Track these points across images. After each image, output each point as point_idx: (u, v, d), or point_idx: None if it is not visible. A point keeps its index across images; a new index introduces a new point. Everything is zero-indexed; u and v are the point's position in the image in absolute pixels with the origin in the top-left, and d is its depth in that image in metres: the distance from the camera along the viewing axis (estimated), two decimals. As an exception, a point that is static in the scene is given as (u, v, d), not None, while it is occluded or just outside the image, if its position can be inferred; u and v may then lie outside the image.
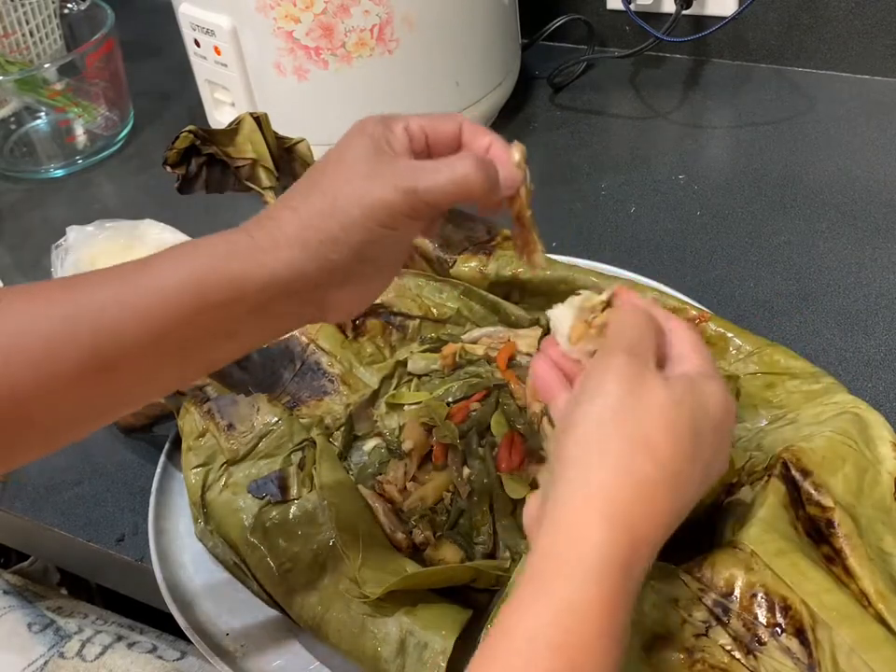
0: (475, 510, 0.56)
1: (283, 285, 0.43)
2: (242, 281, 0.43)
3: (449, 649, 0.49)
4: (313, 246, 0.43)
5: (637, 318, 0.44)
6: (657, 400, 0.40)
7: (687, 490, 0.40)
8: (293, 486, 0.58)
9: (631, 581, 0.37)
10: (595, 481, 0.38)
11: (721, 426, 0.41)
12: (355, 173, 0.44)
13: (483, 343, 0.66)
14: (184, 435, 0.62)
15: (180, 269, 0.43)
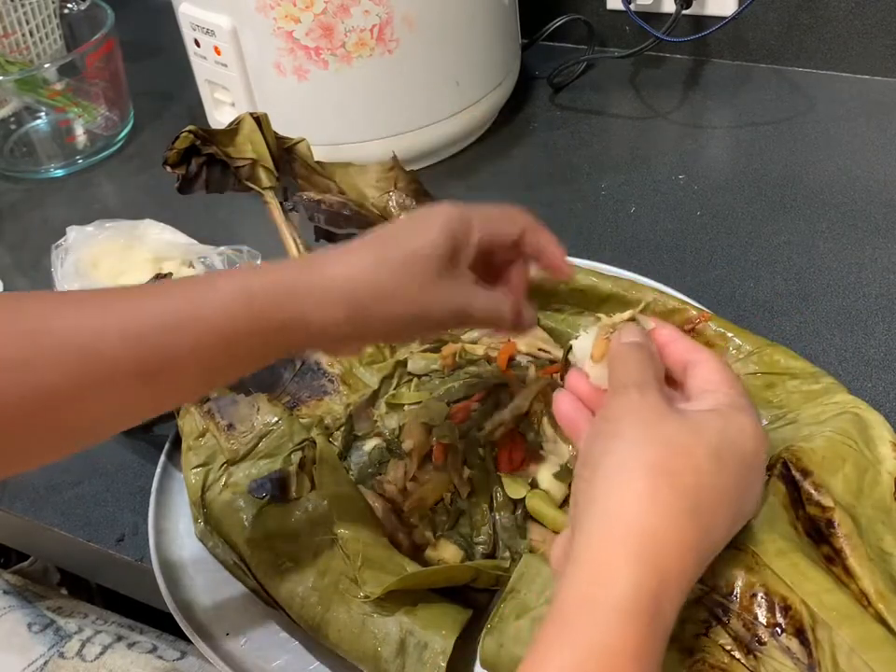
0: (475, 510, 0.56)
1: (325, 338, 0.47)
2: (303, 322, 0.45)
3: (449, 649, 0.49)
4: (358, 322, 0.46)
5: (632, 352, 0.44)
6: (674, 432, 0.40)
7: (713, 525, 0.39)
8: (293, 486, 0.58)
9: (661, 622, 0.36)
10: (618, 515, 0.38)
11: (750, 459, 0.41)
12: (426, 273, 0.47)
13: (483, 342, 0.66)
14: (184, 435, 0.62)
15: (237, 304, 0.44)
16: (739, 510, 0.41)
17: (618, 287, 0.65)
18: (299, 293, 0.45)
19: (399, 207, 0.73)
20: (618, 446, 0.40)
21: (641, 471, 0.38)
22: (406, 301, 0.47)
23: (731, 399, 0.42)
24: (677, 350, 0.46)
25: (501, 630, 0.48)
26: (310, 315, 0.45)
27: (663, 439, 0.39)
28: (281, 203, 0.70)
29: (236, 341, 0.44)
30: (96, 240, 0.81)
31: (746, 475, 0.41)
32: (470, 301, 0.49)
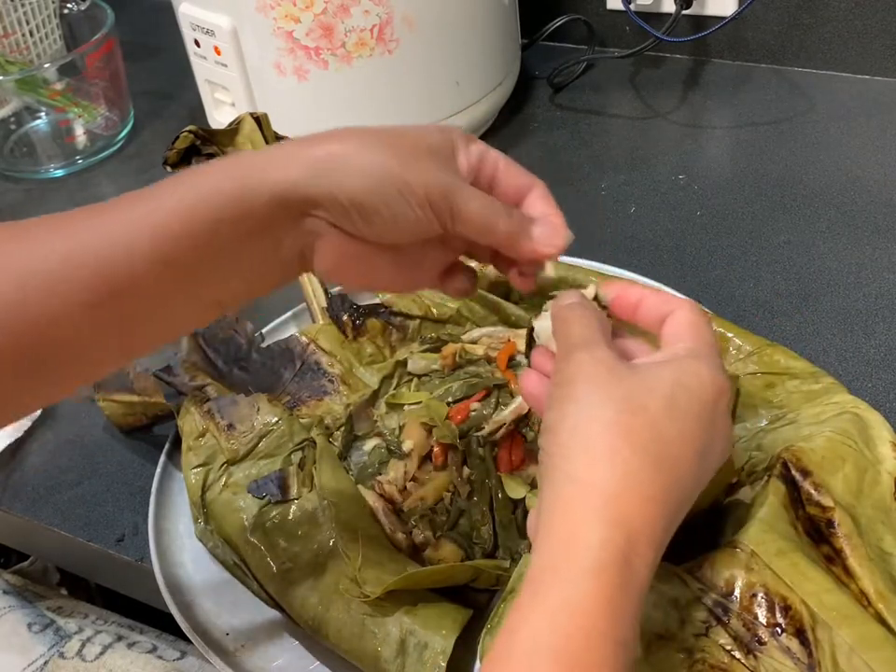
0: (475, 510, 0.56)
1: (285, 202, 0.43)
2: (251, 195, 0.42)
3: (449, 648, 0.49)
4: (322, 173, 0.43)
5: (571, 311, 0.43)
6: (625, 387, 0.39)
7: (678, 473, 0.39)
8: (293, 486, 0.58)
9: (631, 577, 0.36)
10: (578, 478, 0.38)
11: (710, 405, 0.40)
12: (412, 148, 0.44)
13: (483, 342, 0.66)
14: (184, 435, 0.62)
15: (195, 186, 0.42)
16: (705, 456, 0.40)
17: (618, 287, 0.65)
18: (265, 160, 0.43)
19: (399, 207, 0.73)
20: (572, 410, 0.39)
21: (597, 432, 0.38)
22: (385, 161, 0.43)
23: (689, 348, 0.42)
24: (651, 304, 0.45)
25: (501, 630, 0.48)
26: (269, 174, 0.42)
27: (615, 396, 0.39)
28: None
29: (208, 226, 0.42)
30: (96, 240, 0.81)
31: (707, 421, 0.40)
32: (461, 187, 0.45)
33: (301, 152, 0.43)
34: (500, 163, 0.48)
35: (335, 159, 0.43)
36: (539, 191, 0.49)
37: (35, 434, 0.72)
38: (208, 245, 0.42)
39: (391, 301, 0.69)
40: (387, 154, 0.43)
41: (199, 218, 0.42)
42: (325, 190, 0.43)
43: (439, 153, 0.45)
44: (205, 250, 0.42)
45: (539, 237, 0.48)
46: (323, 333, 0.68)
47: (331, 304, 0.69)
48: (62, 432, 0.72)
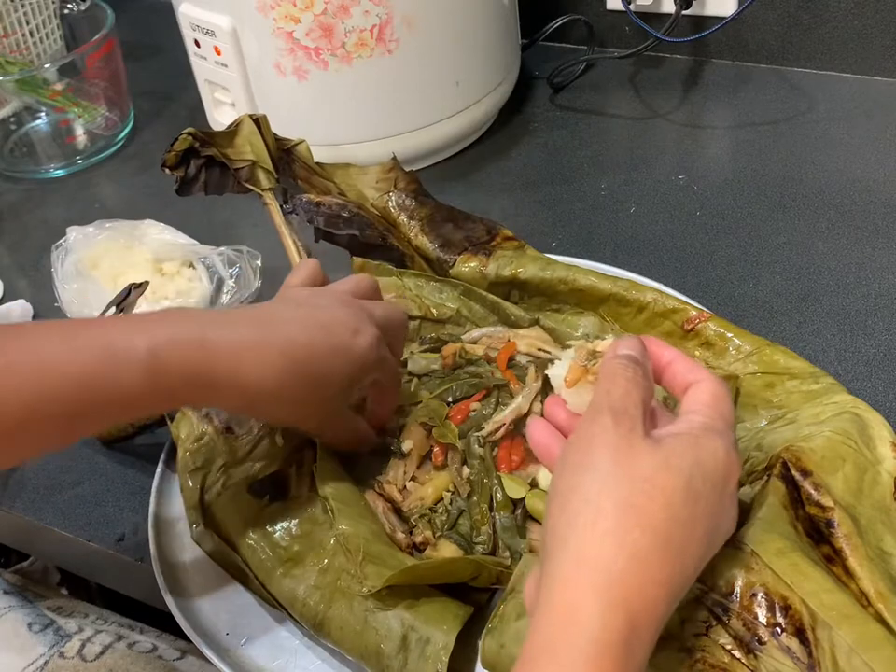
0: (475, 510, 0.56)
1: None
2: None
3: (451, 644, 0.49)
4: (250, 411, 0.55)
5: (624, 371, 0.42)
6: (645, 467, 0.39)
7: (685, 557, 0.38)
8: (293, 486, 0.58)
9: (630, 660, 0.36)
10: (584, 555, 0.37)
11: (722, 483, 0.40)
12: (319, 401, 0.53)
13: (483, 342, 0.66)
14: (180, 440, 0.61)
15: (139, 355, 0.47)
16: (713, 537, 0.40)
17: (618, 287, 0.65)
18: (213, 377, 0.48)
19: (399, 208, 0.73)
20: (586, 480, 0.39)
21: (609, 509, 0.38)
22: (297, 413, 0.53)
23: (707, 420, 0.42)
24: (679, 369, 0.45)
25: (502, 630, 0.48)
26: (213, 398, 0.51)
27: (632, 474, 0.38)
28: (281, 205, 0.70)
29: (139, 406, 0.48)
30: (96, 240, 0.81)
31: (719, 501, 0.40)
32: (340, 423, 0.57)
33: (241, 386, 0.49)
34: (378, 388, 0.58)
35: (260, 406, 0.52)
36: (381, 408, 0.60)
37: (35, 434, 0.72)
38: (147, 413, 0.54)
39: (391, 301, 0.69)
40: (304, 404, 0.52)
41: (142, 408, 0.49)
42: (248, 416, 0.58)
43: (343, 391, 0.54)
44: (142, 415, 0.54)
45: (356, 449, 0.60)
46: (323, 333, 0.68)
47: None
48: (62, 432, 0.72)
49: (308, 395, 0.52)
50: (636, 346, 0.44)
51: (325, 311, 0.53)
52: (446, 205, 0.74)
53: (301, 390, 0.51)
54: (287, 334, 0.51)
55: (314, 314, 0.53)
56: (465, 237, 0.71)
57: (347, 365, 0.52)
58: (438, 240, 0.71)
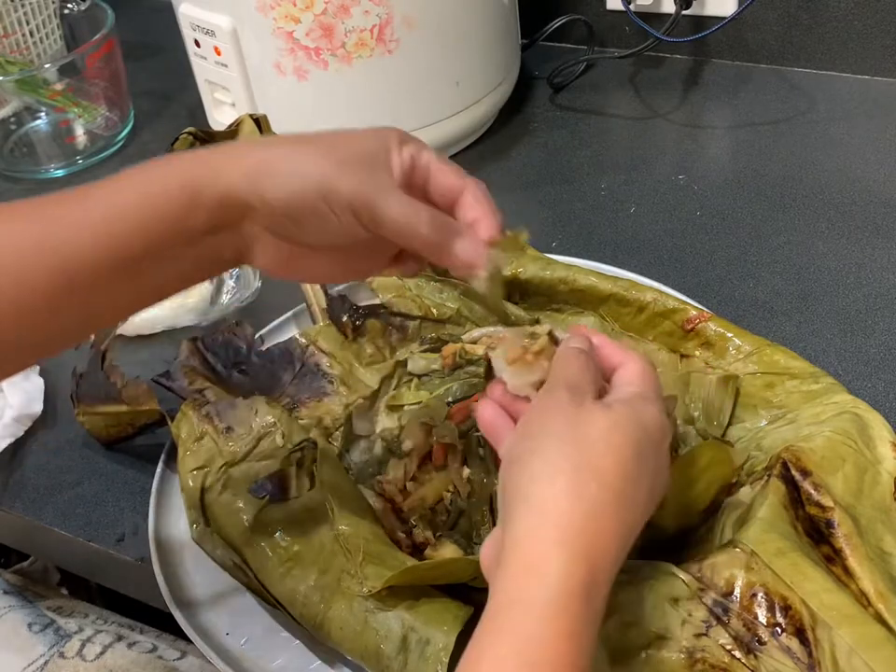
0: (475, 510, 0.56)
1: (225, 208, 0.45)
2: (196, 202, 0.45)
3: (451, 644, 0.49)
4: (256, 179, 0.45)
5: (577, 356, 0.46)
6: (599, 428, 0.41)
7: (634, 511, 0.41)
8: (293, 486, 0.58)
9: (592, 610, 0.38)
10: (546, 509, 0.39)
11: (659, 444, 0.43)
12: (343, 154, 0.46)
13: (483, 342, 0.66)
14: (180, 440, 0.61)
15: (148, 186, 0.46)
16: (654, 492, 0.43)
17: (618, 287, 0.66)
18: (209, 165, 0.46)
19: (399, 207, 0.73)
20: (545, 443, 0.41)
21: (567, 468, 0.40)
22: (316, 170, 0.45)
23: (642, 390, 0.45)
24: (607, 353, 0.48)
25: (501, 630, 0.48)
26: (211, 181, 0.45)
27: (587, 435, 0.41)
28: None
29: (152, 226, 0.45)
30: (96, 240, 0.81)
31: (658, 461, 0.43)
32: (388, 191, 0.45)
33: (239, 159, 0.46)
34: (432, 164, 0.48)
35: (266, 164, 0.45)
36: (470, 193, 0.48)
37: (35, 434, 0.72)
38: (156, 242, 0.45)
39: (391, 301, 0.69)
40: (316, 160, 0.45)
41: (150, 219, 0.45)
42: (258, 196, 0.45)
43: (373, 158, 0.46)
44: (153, 247, 0.45)
45: (459, 253, 0.47)
46: (323, 334, 0.68)
47: (331, 305, 0.69)
48: (62, 432, 0.72)
49: (324, 150, 0.46)
50: (584, 341, 0.47)
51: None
52: (446, 205, 0.74)
53: (314, 149, 0.46)
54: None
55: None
56: (465, 237, 0.71)
57: (360, 132, 0.48)
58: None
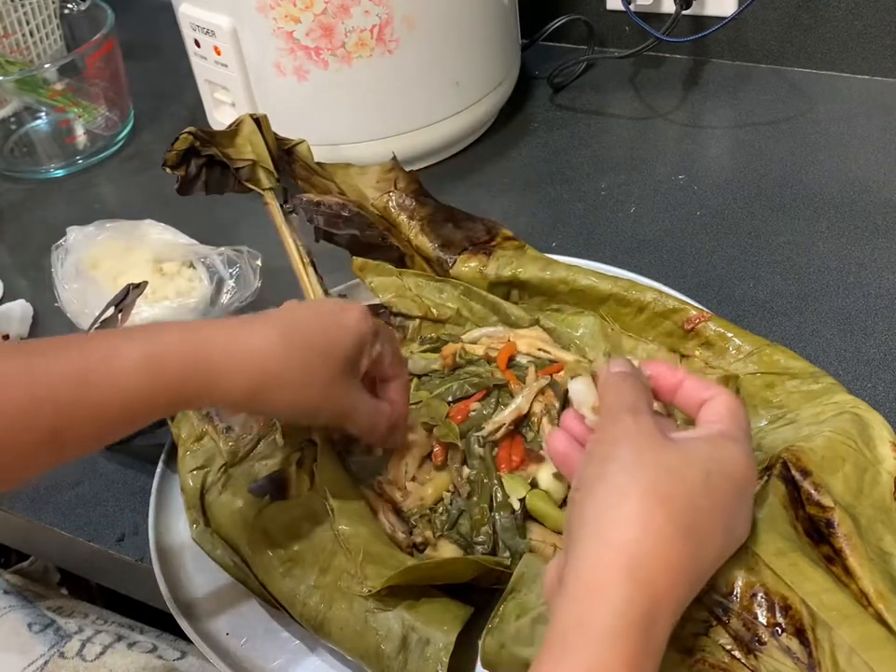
0: (475, 510, 0.56)
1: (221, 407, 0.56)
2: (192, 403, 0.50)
3: (451, 644, 0.49)
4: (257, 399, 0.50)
5: (624, 380, 0.45)
6: (669, 458, 0.40)
7: (706, 547, 0.40)
8: (293, 485, 0.58)
9: (654, 640, 0.37)
10: (611, 536, 0.38)
11: (740, 487, 0.42)
12: (330, 374, 0.51)
13: (483, 342, 0.66)
14: (180, 440, 0.61)
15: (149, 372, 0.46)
16: (730, 534, 0.42)
17: (618, 287, 0.65)
18: (211, 360, 0.47)
19: (399, 208, 0.73)
20: (611, 470, 0.40)
21: (635, 495, 0.39)
22: (307, 394, 0.51)
23: (724, 429, 0.43)
24: (691, 388, 0.46)
25: (502, 630, 0.48)
26: (215, 386, 0.48)
27: (656, 463, 0.40)
28: (281, 205, 0.70)
29: (138, 407, 0.46)
30: (96, 240, 0.81)
31: (736, 500, 0.42)
32: (357, 405, 0.53)
33: (245, 371, 0.48)
34: (385, 360, 0.55)
35: (270, 393, 0.49)
36: (397, 383, 0.57)
37: (35, 434, 0.72)
38: (143, 418, 0.48)
39: (391, 301, 0.69)
40: (313, 390, 0.51)
41: (142, 408, 0.47)
42: (251, 410, 0.56)
43: (349, 368, 0.52)
44: (139, 421, 0.48)
45: (390, 444, 0.58)
46: (323, 333, 0.68)
47: (331, 304, 0.69)
48: (62, 432, 0.72)
49: (312, 372, 0.51)
50: (625, 363, 0.47)
51: (308, 304, 0.57)
52: (446, 205, 0.74)
53: (303, 366, 0.50)
54: (278, 319, 0.51)
55: (295, 309, 0.55)
56: (465, 237, 0.71)
57: (344, 336, 0.52)
58: (438, 240, 0.71)
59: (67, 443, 0.45)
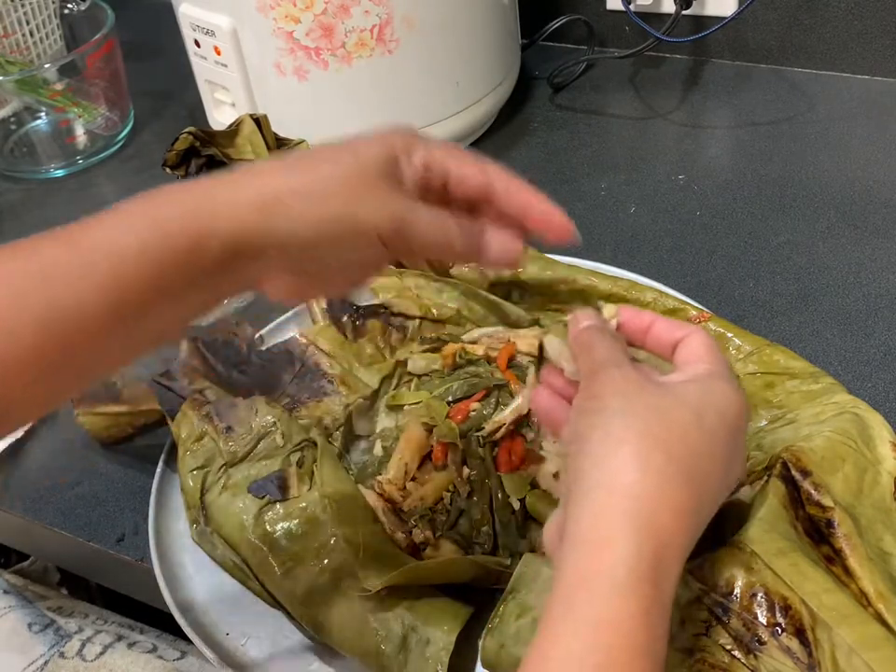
0: (475, 510, 0.56)
1: (234, 252, 0.41)
2: (201, 246, 0.40)
3: (451, 644, 0.49)
4: (272, 220, 0.41)
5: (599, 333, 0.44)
6: (661, 402, 0.39)
7: (706, 488, 0.39)
8: (293, 486, 0.58)
9: (664, 589, 0.36)
10: (611, 483, 0.37)
11: (733, 425, 0.41)
12: (359, 177, 0.43)
13: (483, 343, 0.66)
14: (180, 440, 0.61)
15: (148, 228, 0.40)
16: (728, 473, 0.41)
17: (618, 287, 0.66)
18: (214, 199, 0.41)
19: (399, 207, 0.73)
20: (603, 418, 0.39)
21: (631, 439, 0.38)
22: (332, 202, 0.42)
23: (710, 368, 0.42)
24: (662, 329, 0.45)
25: (502, 630, 0.48)
26: (220, 215, 0.41)
27: (649, 407, 0.39)
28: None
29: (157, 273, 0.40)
30: (96, 240, 0.81)
31: (732, 438, 0.40)
32: (412, 209, 0.44)
33: (247, 194, 0.41)
34: (450, 165, 0.46)
35: (278, 202, 0.41)
36: (501, 185, 0.48)
37: (35, 434, 0.72)
38: (156, 289, 0.40)
39: (391, 301, 0.69)
40: (336, 192, 0.42)
41: (150, 265, 0.40)
42: (273, 238, 0.41)
43: (385, 174, 0.43)
44: (153, 294, 0.40)
45: (494, 255, 0.47)
46: (323, 334, 0.68)
47: (331, 305, 0.69)
48: (62, 432, 0.72)
49: (334, 183, 0.42)
50: (593, 316, 0.45)
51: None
52: (446, 205, 0.74)
53: (322, 177, 0.43)
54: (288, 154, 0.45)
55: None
56: (465, 237, 0.71)
57: (369, 143, 0.45)
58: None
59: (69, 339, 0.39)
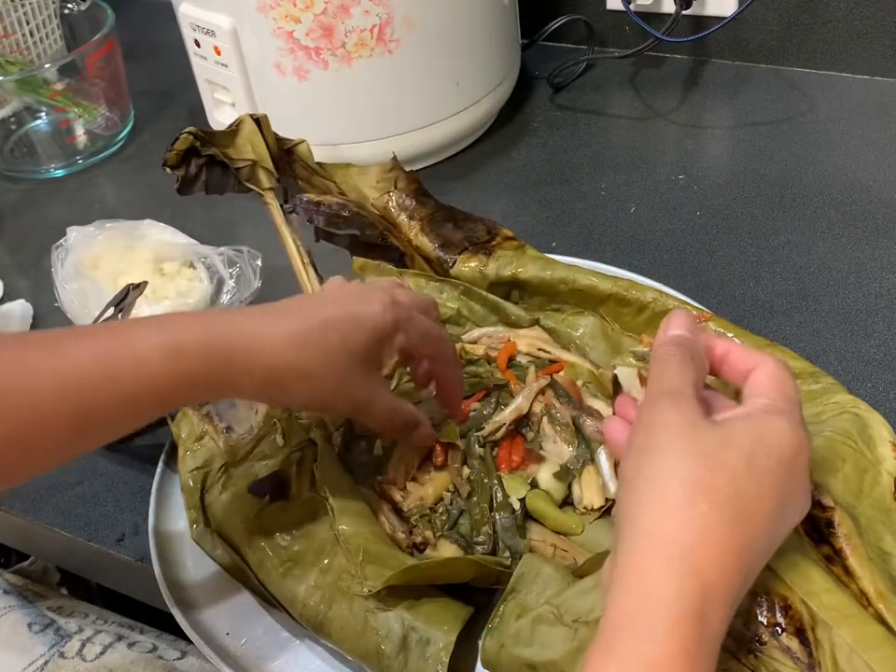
0: (475, 510, 0.56)
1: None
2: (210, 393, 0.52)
3: (451, 644, 0.49)
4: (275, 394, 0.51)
5: (671, 356, 0.44)
6: (706, 444, 0.40)
7: (754, 529, 0.39)
8: (293, 485, 0.58)
9: (707, 632, 0.36)
10: (655, 529, 0.38)
11: (789, 459, 0.40)
12: (348, 363, 0.51)
13: (483, 343, 0.66)
14: (180, 440, 0.61)
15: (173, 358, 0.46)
16: (782, 514, 0.41)
17: (618, 286, 0.65)
18: (230, 352, 0.47)
19: (399, 208, 0.73)
20: (650, 461, 0.40)
21: (675, 484, 0.38)
22: (322, 387, 0.51)
23: (769, 403, 0.42)
24: (736, 358, 0.45)
25: (502, 630, 0.48)
26: (233, 380, 0.48)
27: (694, 450, 0.39)
28: (281, 205, 0.70)
29: (164, 392, 0.46)
30: (96, 240, 0.81)
31: (785, 478, 0.40)
32: (374, 400, 0.54)
33: (259, 369, 0.48)
34: (424, 352, 0.56)
35: (277, 382, 0.49)
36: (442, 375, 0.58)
37: (35, 434, 0.72)
38: (172, 405, 0.51)
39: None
40: (325, 375, 0.50)
41: (167, 393, 0.46)
42: (267, 401, 0.57)
43: (367, 360, 0.52)
44: (168, 408, 0.52)
45: (414, 440, 0.58)
46: (323, 333, 0.68)
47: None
48: (62, 432, 0.71)
49: (327, 366, 0.50)
50: (685, 323, 0.45)
51: (335, 292, 0.56)
52: (446, 205, 0.74)
53: (318, 360, 0.50)
54: (298, 312, 0.51)
55: (323, 298, 0.55)
56: (465, 237, 0.71)
57: (360, 331, 0.51)
58: (438, 240, 0.71)
59: (94, 427, 0.45)
